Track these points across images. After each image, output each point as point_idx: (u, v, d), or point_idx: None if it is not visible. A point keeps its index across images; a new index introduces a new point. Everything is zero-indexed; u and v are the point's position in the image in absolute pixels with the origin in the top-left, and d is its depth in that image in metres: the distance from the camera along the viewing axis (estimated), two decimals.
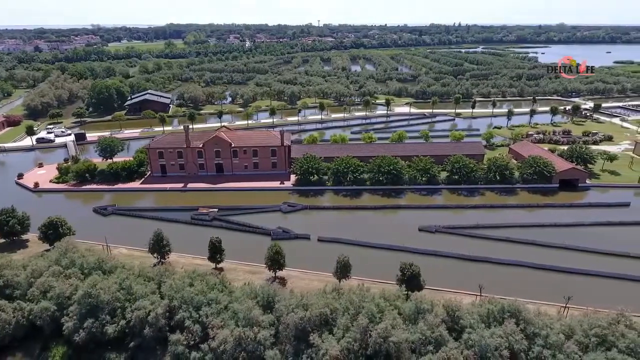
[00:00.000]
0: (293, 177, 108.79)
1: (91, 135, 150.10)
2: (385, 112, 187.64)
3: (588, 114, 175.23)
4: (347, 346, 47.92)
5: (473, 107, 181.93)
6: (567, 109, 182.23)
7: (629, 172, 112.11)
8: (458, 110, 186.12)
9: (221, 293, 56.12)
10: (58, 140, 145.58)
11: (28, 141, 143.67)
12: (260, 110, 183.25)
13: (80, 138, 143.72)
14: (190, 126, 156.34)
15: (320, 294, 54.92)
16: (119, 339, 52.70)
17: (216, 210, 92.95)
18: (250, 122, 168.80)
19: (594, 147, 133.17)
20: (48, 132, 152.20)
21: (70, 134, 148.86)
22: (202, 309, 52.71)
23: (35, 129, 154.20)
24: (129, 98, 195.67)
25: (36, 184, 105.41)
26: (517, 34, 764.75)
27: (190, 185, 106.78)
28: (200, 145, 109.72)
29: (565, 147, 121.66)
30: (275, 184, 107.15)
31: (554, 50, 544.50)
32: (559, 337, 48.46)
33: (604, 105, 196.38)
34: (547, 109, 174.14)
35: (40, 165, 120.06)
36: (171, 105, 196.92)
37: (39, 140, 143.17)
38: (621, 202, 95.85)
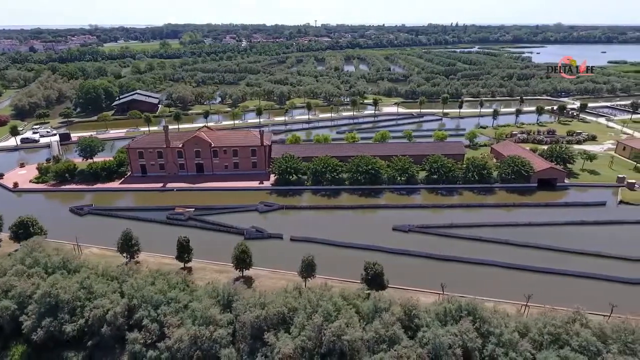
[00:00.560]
0: (273, 177, 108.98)
1: (78, 136, 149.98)
2: (373, 112, 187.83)
3: (575, 114, 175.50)
4: (301, 345, 48.09)
5: (460, 107, 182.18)
6: (553, 108, 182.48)
7: (609, 171, 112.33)
8: (446, 110, 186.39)
9: (182, 292, 56.29)
10: (43, 140, 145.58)
11: (13, 141, 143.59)
12: (248, 111, 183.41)
13: (64, 138, 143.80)
14: (177, 126, 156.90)
15: (281, 293, 55.10)
16: (78, 337, 52.82)
17: (192, 209, 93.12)
18: (237, 122, 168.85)
19: (577, 146, 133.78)
20: (34, 132, 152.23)
21: (55, 134, 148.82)
22: (160, 308, 52.85)
23: (20, 129, 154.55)
24: (117, 98, 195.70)
25: (15, 184, 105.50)
26: (514, 34, 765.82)
27: (169, 185, 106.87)
28: (180, 145, 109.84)
29: (546, 147, 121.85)
30: (255, 183, 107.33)
31: (549, 50, 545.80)
32: (513, 335, 48.66)
33: (593, 105, 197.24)
34: (534, 108, 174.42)
35: (22, 165, 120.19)
36: (160, 105, 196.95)
37: (23, 141, 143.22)
38: (597, 201, 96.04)
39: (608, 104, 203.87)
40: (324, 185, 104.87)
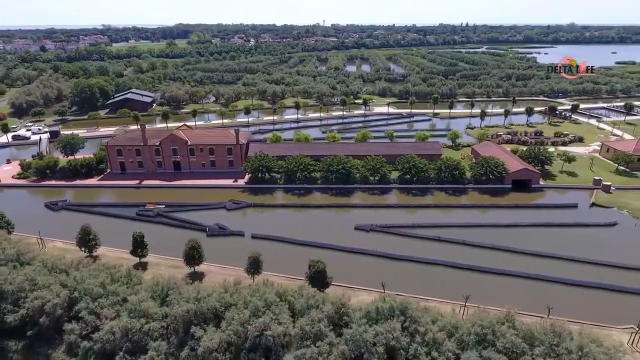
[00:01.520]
0: (248, 176, 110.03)
1: (70, 133, 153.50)
2: (363, 112, 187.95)
3: (567, 115, 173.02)
4: (227, 339, 48.92)
5: (451, 108, 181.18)
6: (546, 109, 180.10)
7: (589, 173, 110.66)
8: (436, 111, 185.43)
9: (124, 286, 57.64)
10: (34, 137, 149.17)
11: (5, 138, 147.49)
12: (237, 110, 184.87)
13: (54, 135, 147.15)
14: (165, 125, 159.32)
15: (217, 289, 56.07)
16: (20, 327, 54.48)
17: (163, 206, 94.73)
18: (226, 121, 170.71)
19: (561, 148, 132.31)
20: (26, 130, 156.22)
21: (46, 132, 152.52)
22: (98, 300, 54.24)
23: (14, 126, 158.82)
24: (112, 97, 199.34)
25: None
26: (525, 34, 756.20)
27: (145, 182, 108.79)
28: (157, 143, 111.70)
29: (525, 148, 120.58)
30: (229, 181, 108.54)
31: (559, 51, 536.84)
32: (438, 335, 48.75)
33: (591, 106, 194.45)
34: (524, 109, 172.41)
35: (8, 162, 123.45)
36: (154, 104, 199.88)
37: (14, 138, 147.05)
38: (569, 203, 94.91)
39: (605, 105, 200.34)
40: (297, 184, 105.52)
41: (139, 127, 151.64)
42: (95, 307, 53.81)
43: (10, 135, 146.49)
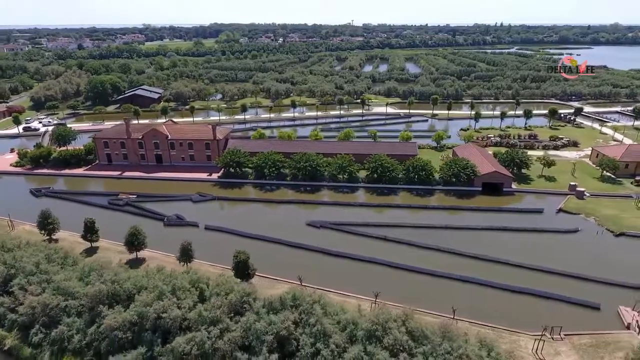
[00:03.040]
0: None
1: (80, 126, 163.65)
2: (361, 111, 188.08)
3: (570, 118, 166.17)
4: (130, 319, 52.10)
5: (449, 109, 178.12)
6: (553, 112, 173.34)
7: (569, 178, 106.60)
8: (436, 112, 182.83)
9: (58, 266, 62.17)
10: (43, 129, 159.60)
11: (17, 130, 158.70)
12: (236, 107, 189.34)
13: None
14: (163, 120, 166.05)
15: (142, 273, 59.55)
16: None
17: (134, 196, 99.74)
18: (223, 117, 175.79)
19: (553, 152, 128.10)
20: (38, 122, 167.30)
21: (55, 124, 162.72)
22: (28, 278, 58.91)
23: (28, 118, 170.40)
24: (124, 92, 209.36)
25: None
26: (561, 34, 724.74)
27: (127, 173, 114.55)
28: (140, 137, 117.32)
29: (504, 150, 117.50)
30: (204, 175, 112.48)
31: (594, 52, 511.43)
32: (328, 327, 49.85)
33: (606, 109, 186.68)
34: (533, 112, 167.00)
35: (12, 151, 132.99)
36: (161, 101, 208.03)
37: (25, 129, 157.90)
38: (535, 208, 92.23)
39: (618, 108, 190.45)
40: (267, 179, 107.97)
41: (138, 122, 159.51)
42: (25, 283, 58.49)
43: (21, 127, 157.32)
